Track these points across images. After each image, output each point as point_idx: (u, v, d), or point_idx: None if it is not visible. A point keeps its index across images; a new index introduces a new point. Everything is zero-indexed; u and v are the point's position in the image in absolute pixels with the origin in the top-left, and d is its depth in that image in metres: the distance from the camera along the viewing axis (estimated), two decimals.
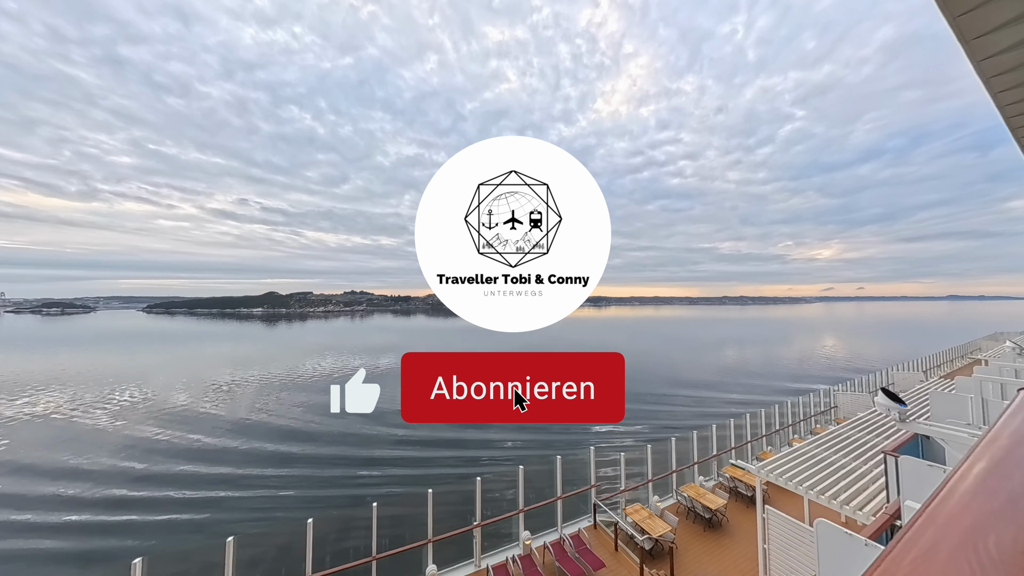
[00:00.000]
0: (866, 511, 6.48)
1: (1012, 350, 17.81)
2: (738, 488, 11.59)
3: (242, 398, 38.26)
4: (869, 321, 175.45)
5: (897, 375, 21.74)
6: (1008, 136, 4.36)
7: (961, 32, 2.65)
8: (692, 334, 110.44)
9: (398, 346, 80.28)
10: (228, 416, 32.34)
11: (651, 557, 8.75)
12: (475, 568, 8.59)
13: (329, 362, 59.89)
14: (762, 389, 39.77)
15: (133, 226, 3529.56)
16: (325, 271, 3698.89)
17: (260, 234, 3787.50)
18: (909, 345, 75.53)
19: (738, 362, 59.99)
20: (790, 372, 51.06)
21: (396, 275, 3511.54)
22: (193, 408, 34.78)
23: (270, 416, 32.14)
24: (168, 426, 29.72)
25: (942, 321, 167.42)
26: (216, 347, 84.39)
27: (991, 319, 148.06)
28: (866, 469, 7.75)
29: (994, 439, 0.85)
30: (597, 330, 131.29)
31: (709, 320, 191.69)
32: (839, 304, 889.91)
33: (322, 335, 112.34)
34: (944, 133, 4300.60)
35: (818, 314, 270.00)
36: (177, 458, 23.97)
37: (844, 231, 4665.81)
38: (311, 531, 7.39)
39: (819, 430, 15.84)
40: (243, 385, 44.12)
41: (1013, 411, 1.14)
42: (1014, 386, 9.11)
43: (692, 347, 79.59)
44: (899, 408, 6.80)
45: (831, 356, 66.38)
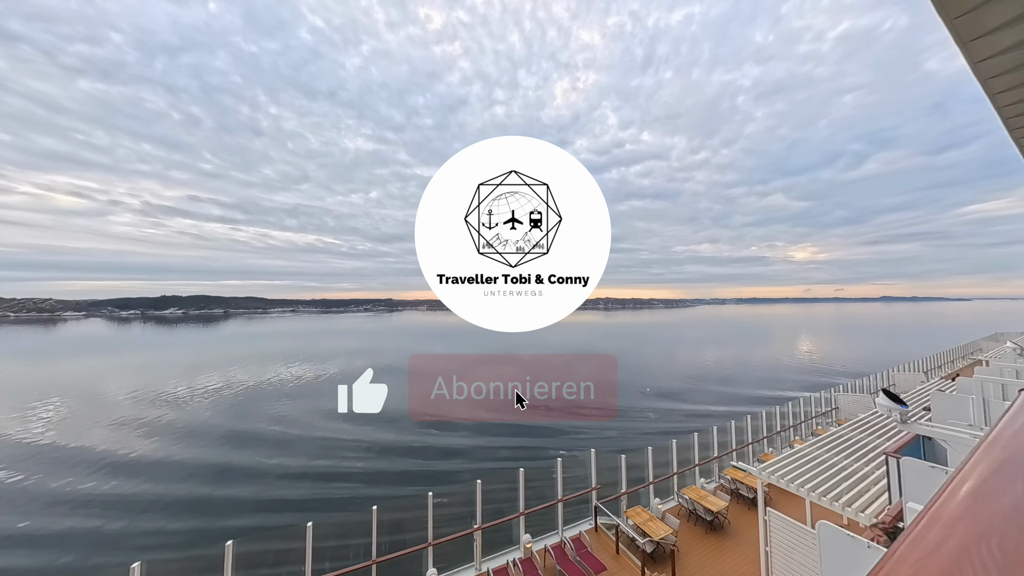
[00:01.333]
0: (868, 513, 6.45)
1: (1013, 350, 17.79)
2: (739, 490, 11.55)
3: (233, 402, 38.21)
4: (850, 322, 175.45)
5: (898, 376, 21.71)
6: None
7: (959, 34, 2.65)
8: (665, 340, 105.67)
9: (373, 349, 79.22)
10: (219, 420, 32.28)
11: (652, 560, 8.71)
12: (475, 571, 8.54)
13: (331, 367, 59.81)
14: (736, 398, 38.45)
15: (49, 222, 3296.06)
16: (281, 271, 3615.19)
17: (220, 233, 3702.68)
18: (906, 346, 75.41)
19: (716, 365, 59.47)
20: (791, 374, 50.98)
21: (371, 277, 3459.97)
22: (184, 409, 34.74)
23: (268, 417, 32.08)
24: (156, 433, 29.68)
25: (933, 323, 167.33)
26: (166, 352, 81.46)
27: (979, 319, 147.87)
28: (868, 471, 7.71)
29: (996, 440, 0.85)
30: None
31: (685, 323, 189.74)
32: (819, 305, 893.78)
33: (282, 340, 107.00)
34: (900, 137, 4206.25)
35: (801, 315, 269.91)
36: (174, 461, 23.92)
37: (814, 233, 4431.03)
38: (310, 534, 7.36)
39: (820, 431, 15.79)
40: (230, 390, 44.06)
41: (1015, 412, 1.14)
42: (1015, 387, 9.09)
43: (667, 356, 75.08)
44: (900, 409, 6.79)
45: (832, 358, 66.33)
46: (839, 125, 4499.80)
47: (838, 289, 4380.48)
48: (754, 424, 15.15)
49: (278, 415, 33.00)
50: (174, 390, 42.82)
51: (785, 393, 30.89)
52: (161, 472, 22.47)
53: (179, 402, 38.00)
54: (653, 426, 28.50)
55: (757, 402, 31.48)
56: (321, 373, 51.98)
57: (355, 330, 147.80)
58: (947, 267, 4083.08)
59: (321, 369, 55.24)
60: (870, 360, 57.61)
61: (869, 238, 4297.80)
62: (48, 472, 22.42)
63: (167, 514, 18.19)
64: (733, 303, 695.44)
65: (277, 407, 35.46)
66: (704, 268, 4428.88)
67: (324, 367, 57.09)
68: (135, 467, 23.24)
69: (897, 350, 69.40)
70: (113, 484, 21.05)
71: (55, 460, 24.15)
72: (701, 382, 45.56)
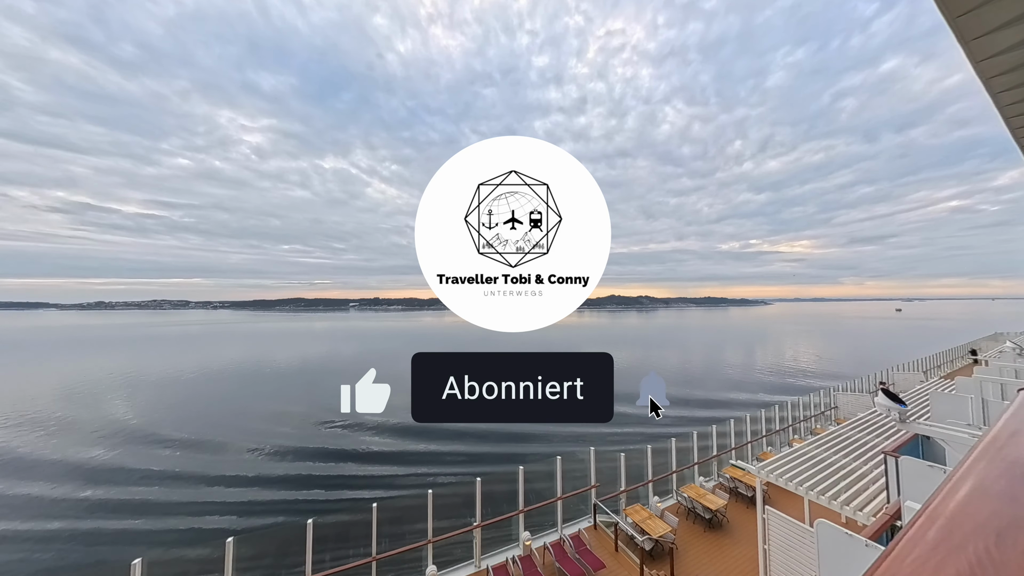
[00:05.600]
0: (866, 512, 6.47)
1: (1012, 350, 17.82)
2: (738, 489, 11.58)
3: (229, 399, 38.25)
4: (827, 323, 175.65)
5: (897, 375, 21.74)
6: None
7: (961, 33, 2.65)
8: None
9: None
10: (221, 416, 32.32)
11: (651, 558, 8.74)
12: (475, 569, 8.58)
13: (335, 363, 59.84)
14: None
15: None
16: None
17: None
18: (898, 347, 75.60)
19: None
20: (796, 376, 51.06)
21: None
22: (184, 408, 34.78)
23: (266, 417, 32.12)
24: (160, 428, 29.71)
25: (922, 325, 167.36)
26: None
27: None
28: (866, 470, 7.74)
29: (995, 439, 0.85)
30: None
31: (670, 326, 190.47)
32: (805, 305, 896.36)
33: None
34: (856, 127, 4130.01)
35: (785, 315, 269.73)
36: (173, 459, 23.96)
37: (793, 231, 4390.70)
38: (311, 531, 7.39)
39: (819, 430, 15.83)
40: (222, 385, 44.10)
41: (1014, 411, 1.14)
42: (1014, 386, 9.11)
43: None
44: (899, 408, 6.80)
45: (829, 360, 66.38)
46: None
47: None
48: (753, 423, 15.19)
49: (276, 412, 33.06)
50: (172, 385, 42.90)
51: (784, 395, 30.87)
52: (161, 471, 22.51)
53: (182, 399, 38.08)
54: (653, 426, 28.64)
55: (757, 403, 31.56)
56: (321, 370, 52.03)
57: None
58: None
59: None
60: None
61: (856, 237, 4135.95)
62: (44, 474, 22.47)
63: (167, 513, 18.23)
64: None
65: (272, 404, 35.52)
66: (700, 267, 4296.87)
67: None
68: (135, 467, 23.27)
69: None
70: (109, 483, 21.11)
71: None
72: (700, 383, 45.67)
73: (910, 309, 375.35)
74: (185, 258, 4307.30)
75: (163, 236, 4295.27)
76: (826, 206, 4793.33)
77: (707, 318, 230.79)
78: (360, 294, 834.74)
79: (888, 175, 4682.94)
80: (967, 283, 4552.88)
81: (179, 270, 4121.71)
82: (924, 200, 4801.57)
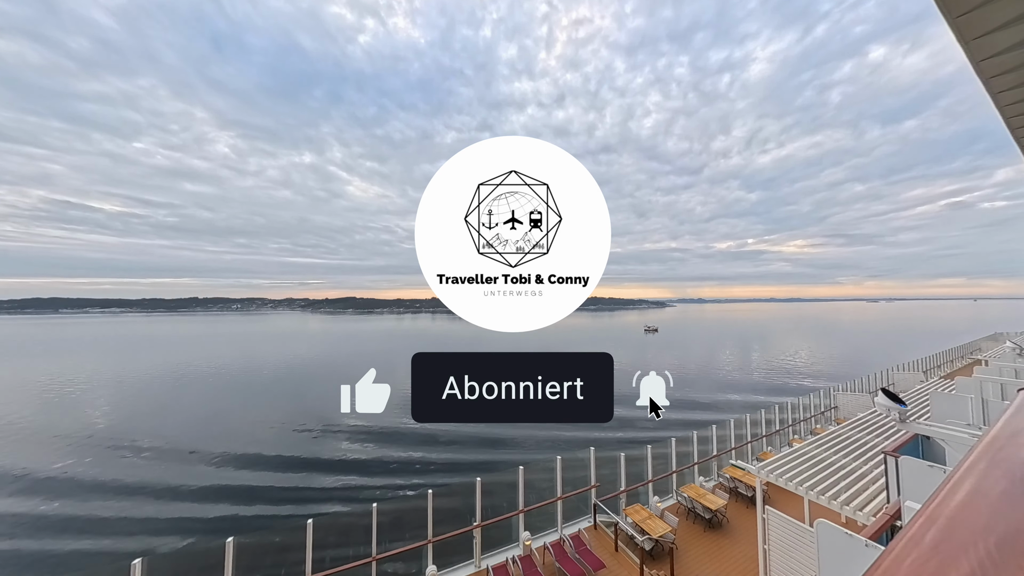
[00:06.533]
0: (866, 511, 6.47)
1: (1012, 350, 17.81)
2: (738, 488, 11.58)
3: (235, 398, 38.25)
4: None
5: (897, 375, 21.74)
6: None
7: (961, 33, 2.65)
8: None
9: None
10: (221, 416, 32.32)
11: (651, 557, 8.74)
12: (475, 568, 8.58)
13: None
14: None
15: None
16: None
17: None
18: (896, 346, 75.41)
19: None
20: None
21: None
22: (184, 409, 34.77)
23: (265, 417, 32.11)
24: (160, 428, 29.71)
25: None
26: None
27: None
28: (866, 470, 7.74)
29: (994, 439, 0.85)
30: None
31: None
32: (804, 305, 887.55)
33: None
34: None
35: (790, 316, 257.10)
36: (174, 458, 23.96)
37: (790, 231, 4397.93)
38: (311, 531, 7.39)
39: (819, 430, 15.83)
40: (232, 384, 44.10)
41: (1013, 411, 1.14)
42: (1014, 386, 9.11)
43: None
44: (899, 408, 6.79)
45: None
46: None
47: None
48: (753, 423, 15.18)
49: (276, 412, 33.05)
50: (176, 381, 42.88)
51: (782, 397, 30.83)
52: (160, 470, 22.51)
53: (182, 401, 38.07)
54: (653, 426, 28.62)
55: (756, 403, 31.55)
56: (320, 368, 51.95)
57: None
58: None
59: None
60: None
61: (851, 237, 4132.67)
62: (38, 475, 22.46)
63: (166, 512, 18.24)
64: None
65: (268, 403, 35.52)
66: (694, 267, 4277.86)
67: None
68: (134, 466, 23.28)
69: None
70: (108, 482, 21.11)
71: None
72: (701, 382, 45.65)
73: (909, 309, 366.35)
74: (172, 258, 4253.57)
75: (149, 235, 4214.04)
76: (819, 205, 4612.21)
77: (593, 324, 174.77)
78: (351, 293, 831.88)
79: (879, 173, 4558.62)
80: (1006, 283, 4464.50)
81: (169, 270, 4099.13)
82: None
